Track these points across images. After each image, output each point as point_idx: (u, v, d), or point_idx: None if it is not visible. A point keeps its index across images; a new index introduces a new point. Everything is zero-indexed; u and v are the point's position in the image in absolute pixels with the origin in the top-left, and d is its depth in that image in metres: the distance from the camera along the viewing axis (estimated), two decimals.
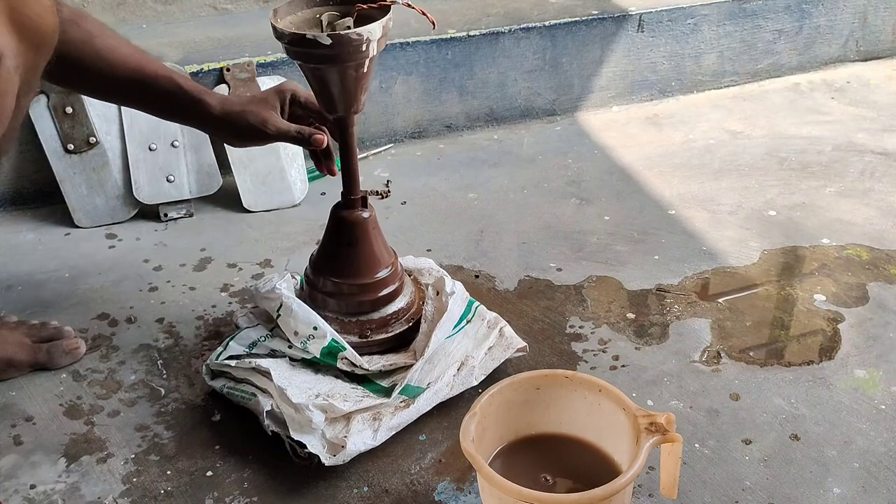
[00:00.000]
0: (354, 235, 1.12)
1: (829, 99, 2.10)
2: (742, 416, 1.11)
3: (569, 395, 0.97)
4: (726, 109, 2.05)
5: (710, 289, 1.38)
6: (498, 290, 1.39)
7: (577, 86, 2.01)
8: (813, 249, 1.48)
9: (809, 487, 1.00)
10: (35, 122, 1.57)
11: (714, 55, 2.10)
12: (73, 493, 1.02)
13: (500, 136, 1.94)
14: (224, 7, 2.04)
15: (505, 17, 1.94)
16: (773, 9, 2.10)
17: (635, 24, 1.99)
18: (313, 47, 0.95)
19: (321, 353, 1.09)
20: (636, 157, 1.82)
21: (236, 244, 1.52)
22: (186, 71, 1.64)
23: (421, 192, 1.70)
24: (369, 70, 1.01)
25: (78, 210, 1.60)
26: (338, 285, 1.14)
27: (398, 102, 1.87)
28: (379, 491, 1.02)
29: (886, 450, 1.05)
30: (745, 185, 1.70)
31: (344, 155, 1.10)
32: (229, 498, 1.01)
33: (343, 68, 0.99)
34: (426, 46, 1.83)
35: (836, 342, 1.25)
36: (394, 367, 1.11)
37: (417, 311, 1.18)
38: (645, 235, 1.53)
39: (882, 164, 1.77)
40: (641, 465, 0.84)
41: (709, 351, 1.23)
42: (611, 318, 1.31)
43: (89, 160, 1.60)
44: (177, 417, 1.13)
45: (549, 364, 1.21)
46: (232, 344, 1.14)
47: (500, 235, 1.55)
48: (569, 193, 1.69)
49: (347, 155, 1.10)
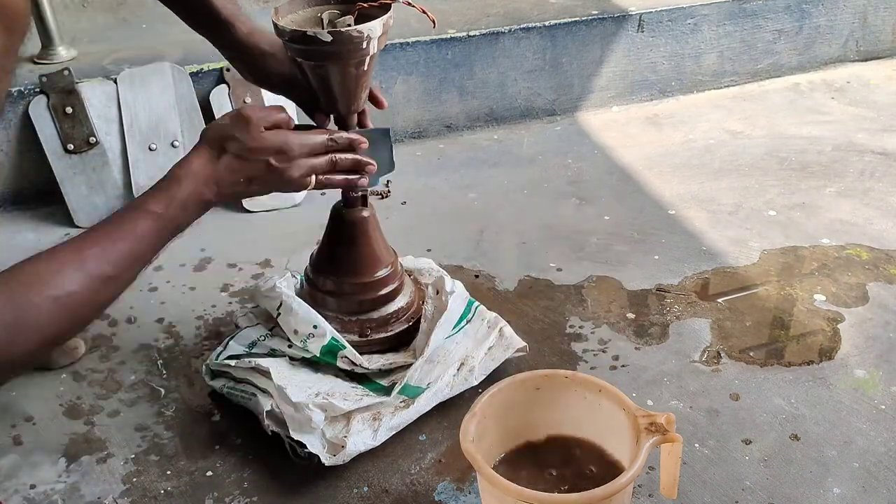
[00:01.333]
0: (355, 234, 1.12)
1: (829, 99, 2.10)
2: (742, 416, 1.11)
3: (569, 395, 0.97)
4: (726, 109, 2.05)
5: (710, 289, 1.38)
6: (498, 290, 1.39)
7: (577, 86, 2.01)
8: (813, 249, 1.48)
9: (809, 487, 1.00)
10: (35, 122, 1.57)
11: (714, 55, 2.10)
12: (73, 493, 1.02)
13: (500, 136, 1.94)
14: None
15: (505, 17, 1.94)
16: (773, 9, 2.10)
17: (635, 24, 1.99)
18: (314, 44, 0.95)
19: (321, 352, 1.08)
20: (636, 157, 1.82)
21: (236, 244, 1.52)
22: (187, 71, 1.64)
23: (421, 192, 1.70)
24: (370, 68, 1.01)
25: (78, 210, 1.60)
26: (338, 284, 1.14)
27: (398, 102, 1.87)
28: (379, 491, 1.02)
29: (886, 450, 1.05)
30: (745, 185, 1.70)
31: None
32: (229, 498, 1.01)
33: (343, 65, 0.99)
34: (426, 46, 1.83)
35: (836, 342, 1.25)
36: (393, 365, 1.11)
37: (417, 311, 1.18)
38: (645, 235, 1.53)
39: (882, 164, 1.77)
40: (641, 465, 0.84)
41: (709, 351, 1.23)
42: (611, 318, 1.31)
43: (89, 160, 1.60)
44: (177, 417, 1.13)
45: (549, 364, 1.21)
46: (232, 344, 1.14)
47: (500, 235, 1.55)
48: (569, 193, 1.69)
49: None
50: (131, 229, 0.85)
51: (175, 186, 0.89)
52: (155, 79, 1.63)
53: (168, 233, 0.89)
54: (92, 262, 0.80)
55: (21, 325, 0.74)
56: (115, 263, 0.82)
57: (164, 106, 1.63)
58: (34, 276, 0.77)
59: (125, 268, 0.84)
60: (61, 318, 0.77)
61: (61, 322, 0.78)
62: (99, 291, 0.81)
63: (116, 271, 0.82)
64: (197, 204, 0.91)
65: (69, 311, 0.78)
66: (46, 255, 0.79)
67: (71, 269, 0.79)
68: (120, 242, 0.83)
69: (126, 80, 1.63)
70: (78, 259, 0.80)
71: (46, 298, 0.76)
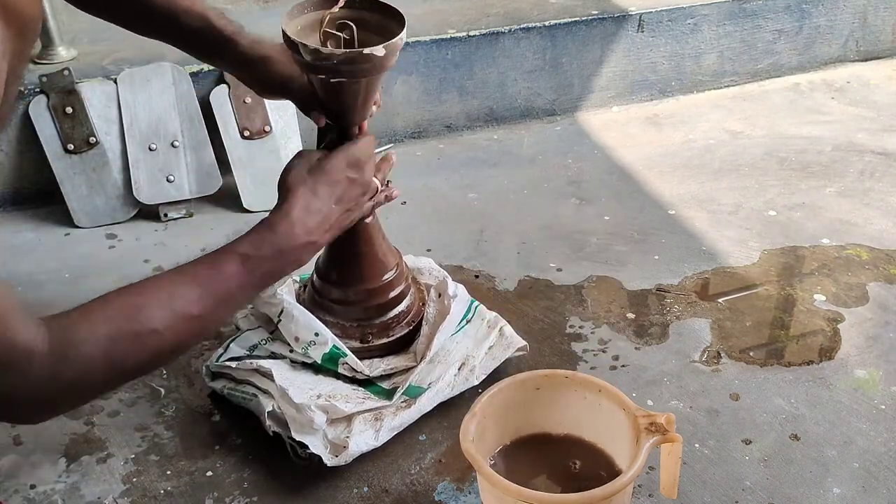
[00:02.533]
0: (357, 243, 1.11)
1: (829, 99, 2.10)
2: (742, 416, 1.11)
3: (569, 395, 0.97)
4: (726, 109, 2.05)
5: (710, 289, 1.38)
6: (498, 290, 1.39)
7: (577, 86, 2.01)
8: (813, 249, 1.48)
9: (809, 487, 1.00)
10: (35, 122, 1.57)
11: (714, 55, 2.10)
12: (73, 493, 1.02)
13: (500, 136, 1.94)
14: (224, 7, 2.04)
15: (505, 17, 1.94)
16: (773, 9, 2.10)
17: (635, 24, 1.98)
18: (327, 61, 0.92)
19: (322, 359, 1.08)
20: (636, 157, 1.82)
21: None
22: (186, 71, 1.64)
23: (421, 192, 1.70)
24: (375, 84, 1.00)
25: (78, 210, 1.60)
26: (344, 293, 1.13)
27: (398, 102, 1.87)
28: (379, 491, 1.02)
29: (886, 450, 1.05)
30: (745, 185, 1.70)
31: None
32: (229, 498, 1.01)
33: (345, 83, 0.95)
34: (426, 46, 1.83)
35: (836, 342, 1.25)
36: (394, 370, 1.11)
37: (418, 313, 1.18)
38: (645, 235, 1.53)
39: (882, 164, 1.76)
40: (641, 465, 0.84)
41: (709, 351, 1.23)
42: (611, 318, 1.31)
43: (89, 160, 1.60)
44: (177, 417, 1.13)
45: (549, 364, 1.21)
46: (232, 346, 1.14)
47: (500, 235, 1.54)
48: (569, 193, 1.69)
49: None
50: (222, 272, 0.83)
51: (266, 229, 0.88)
52: (155, 79, 1.63)
53: (259, 279, 0.87)
54: (179, 302, 0.78)
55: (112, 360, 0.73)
56: (203, 305, 0.80)
57: (164, 106, 1.63)
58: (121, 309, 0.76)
59: (212, 310, 0.82)
60: (144, 354, 0.76)
61: (143, 359, 0.77)
62: (183, 332, 0.79)
63: (203, 312, 0.80)
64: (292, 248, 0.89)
65: (151, 348, 0.77)
66: (133, 288, 0.78)
67: (156, 306, 0.77)
68: (208, 283, 0.82)
69: (126, 80, 1.63)
70: (166, 297, 0.78)
71: (127, 334, 0.75)
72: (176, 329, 0.78)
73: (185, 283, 0.81)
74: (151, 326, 0.76)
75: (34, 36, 0.74)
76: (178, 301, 0.79)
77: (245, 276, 0.84)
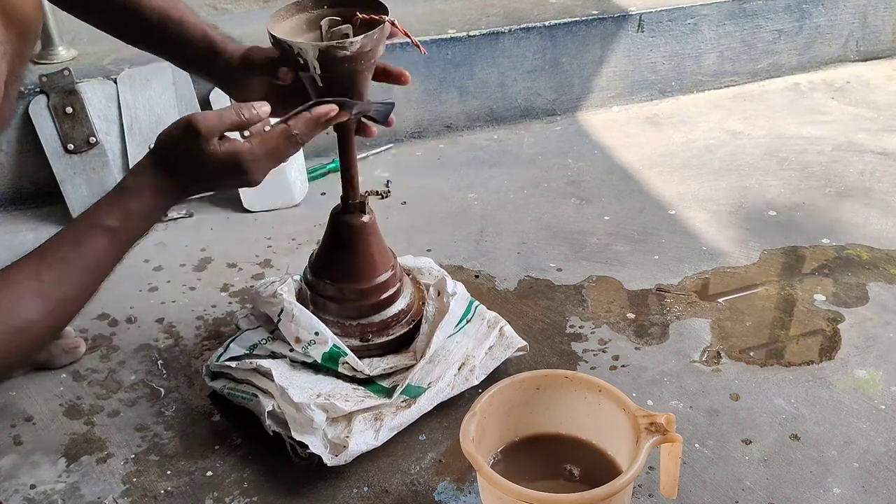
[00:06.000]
0: (353, 241, 1.12)
1: (829, 99, 2.10)
2: (742, 416, 1.11)
3: (569, 395, 0.97)
4: (726, 109, 2.05)
5: (710, 289, 1.38)
6: (498, 290, 1.39)
7: (577, 86, 2.01)
8: (813, 249, 1.48)
9: (809, 487, 1.00)
10: (35, 122, 1.57)
11: (714, 55, 2.10)
12: (73, 493, 1.02)
13: (500, 136, 1.94)
14: (224, 7, 2.04)
15: (505, 17, 1.94)
16: (773, 9, 2.10)
17: (635, 24, 1.98)
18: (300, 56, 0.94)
19: (322, 358, 1.09)
20: (636, 157, 1.82)
21: (236, 244, 1.52)
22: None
23: (421, 192, 1.70)
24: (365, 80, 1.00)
25: (78, 210, 1.59)
26: (338, 289, 1.13)
27: (398, 102, 1.84)
28: (379, 491, 1.02)
29: (886, 450, 1.05)
30: (745, 185, 1.70)
31: (343, 160, 1.09)
32: (229, 498, 1.01)
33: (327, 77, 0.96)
34: (426, 46, 1.83)
35: (836, 342, 1.25)
36: (394, 369, 1.11)
37: (417, 312, 1.18)
38: (645, 235, 1.53)
39: (882, 164, 1.76)
40: (641, 465, 0.84)
41: (709, 351, 1.23)
42: (611, 318, 1.31)
43: (89, 160, 1.60)
44: (177, 417, 1.13)
45: (549, 364, 1.21)
46: (232, 346, 1.14)
47: (500, 235, 1.54)
48: (569, 193, 1.69)
49: (347, 160, 1.09)
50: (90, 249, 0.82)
51: (131, 199, 0.86)
52: (155, 79, 1.63)
53: (126, 245, 0.86)
54: (51, 287, 0.79)
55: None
56: (76, 284, 0.81)
57: (164, 106, 1.63)
58: None
59: (84, 287, 0.82)
60: (24, 346, 0.77)
61: (25, 350, 0.77)
62: (60, 315, 0.80)
63: (76, 292, 0.81)
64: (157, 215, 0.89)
65: (31, 338, 0.77)
66: (2, 283, 0.77)
67: (30, 296, 0.77)
68: (78, 262, 0.81)
69: (126, 80, 1.63)
70: (36, 285, 0.78)
71: (6, 331, 0.74)
72: (54, 314, 0.79)
73: (56, 269, 0.80)
74: (30, 318, 0.76)
75: (35, 37, 0.74)
76: (49, 288, 0.79)
77: (114, 251, 0.85)
